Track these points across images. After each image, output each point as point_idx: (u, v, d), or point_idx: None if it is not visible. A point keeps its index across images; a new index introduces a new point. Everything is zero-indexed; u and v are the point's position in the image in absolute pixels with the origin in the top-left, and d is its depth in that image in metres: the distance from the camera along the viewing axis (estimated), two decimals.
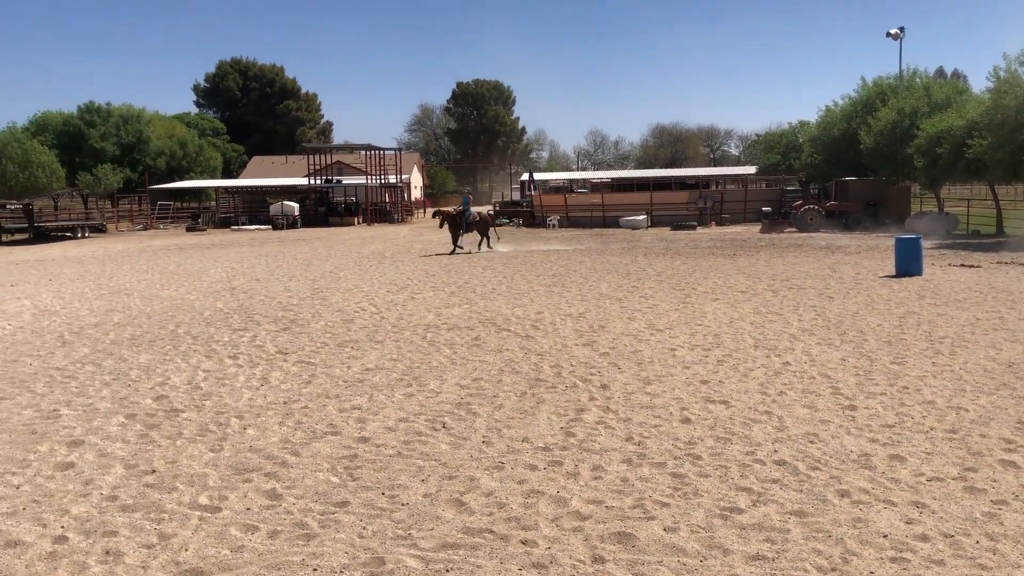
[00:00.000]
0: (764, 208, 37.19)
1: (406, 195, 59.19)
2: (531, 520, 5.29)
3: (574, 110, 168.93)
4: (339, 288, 17.65)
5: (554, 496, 5.68)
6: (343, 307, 14.80)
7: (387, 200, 53.67)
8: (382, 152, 52.88)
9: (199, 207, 60.57)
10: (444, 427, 7.34)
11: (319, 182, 52.68)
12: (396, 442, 6.95)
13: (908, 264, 17.57)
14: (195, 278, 20.42)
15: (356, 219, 49.96)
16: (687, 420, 7.39)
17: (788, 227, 33.92)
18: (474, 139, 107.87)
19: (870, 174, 35.84)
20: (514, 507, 5.51)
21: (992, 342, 10.42)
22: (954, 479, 5.82)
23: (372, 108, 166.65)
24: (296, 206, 48.71)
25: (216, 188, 58.48)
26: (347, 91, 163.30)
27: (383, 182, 52.13)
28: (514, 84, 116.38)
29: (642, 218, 39.59)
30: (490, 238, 27.62)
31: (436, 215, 28.50)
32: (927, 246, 21.37)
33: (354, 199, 53.02)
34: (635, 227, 38.65)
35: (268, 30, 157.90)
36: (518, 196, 54.71)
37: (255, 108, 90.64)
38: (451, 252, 26.37)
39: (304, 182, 53.92)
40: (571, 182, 55.82)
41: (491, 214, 30.25)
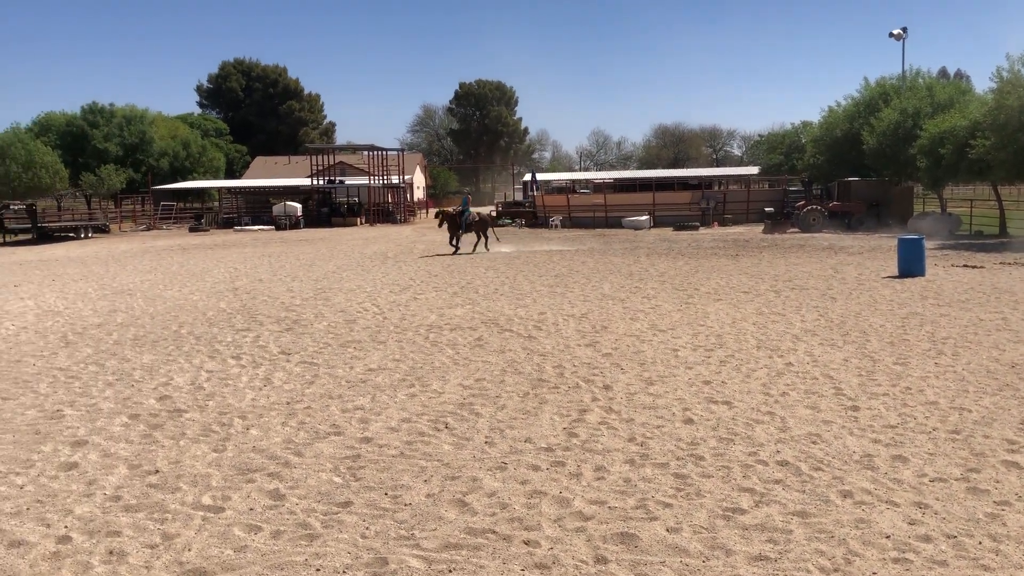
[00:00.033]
0: (767, 208, 37.15)
1: (409, 196, 59.22)
2: (534, 520, 5.30)
3: (577, 110, 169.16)
4: (342, 288, 17.67)
5: (557, 496, 5.69)
6: (346, 307, 14.82)
7: (390, 201, 53.74)
8: (385, 153, 52.96)
9: (202, 207, 60.68)
10: (447, 427, 7.35)
11: (322, 182, 52.75)
12: (399, 442, 6.96)
13: (911, 265, 17.56)
14: (198, 278, 20.45)
15: (359, 219, 50.01)
16: (690, 421, 7.39)
17: (791, 228, 33.89)
18: (476, 139, 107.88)
19: (873, 174, 35.81)
20: (517, 507, 5.52)
21: (995, 343, 10.41)
22: (957, 480, 5.82)
23: (375, 109, 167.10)
24: (299, 206, 48.75)
25: (219, 189, 58.59)
26: (350, 92, 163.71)
27: (386, 183, 52.21)
28: (517, 84, 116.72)
29: (645, 219, 39.58)
30: (488, 239, 27.63)
31: (438, 215, 28.57)
32: (930, 247, 21.36)
33: (357, 199, 53.08)
34: (638, 227, 38.64)
35: (271, 31, 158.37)
36: (520, 196, 54.71)
37: (258, 108, 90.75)
38: (455, 252, 26.41)
39: (307, 182, 53.97)
40: (574, 182, 55.85)
41: (492, 215, 30.22)
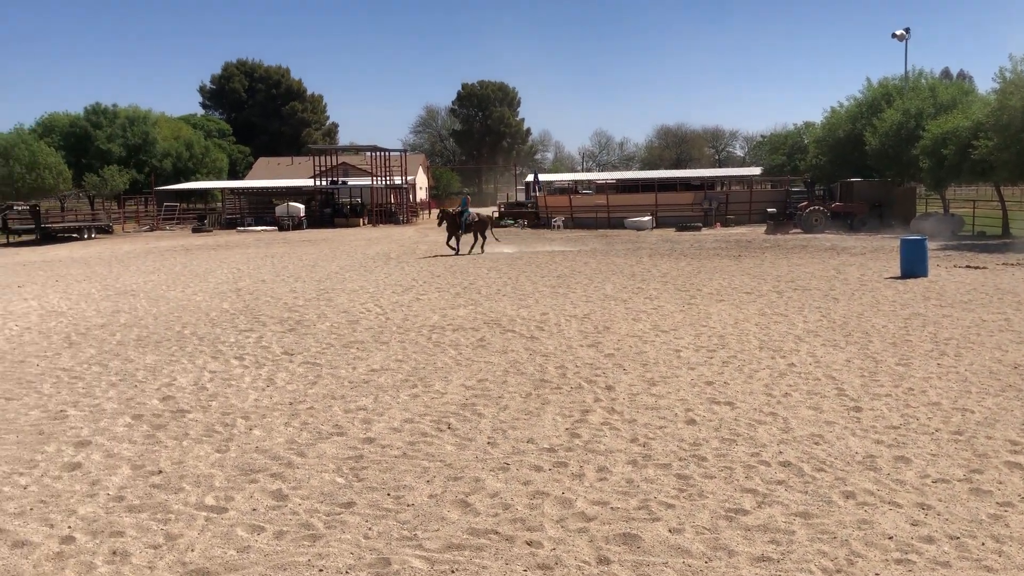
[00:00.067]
0: (769, 209, 37.09)
1: (411, 196, 59.26)
2: (536, 521, 5.31)
3: (579, 111, 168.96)
4: (345, 289, 17.68)
5: (559, 497, 5.69)
6: (349, 308, 14.83)
7: (392, 201, 53.76)
8: (387, 153, 53.00)
9: (205, 208, 60.75)
10: (449, 428, 7.36)
11: (325, 183, 52.79)
12: (401, 443, 6.96)
13: (913, 265, 17.53)
14: (201, 279, 20.48)
15: (361, 220, 50.06)
16: (692, 421, 7.39)
17: (793, 228, 33.85)
18: (479, 140, 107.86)
19: (875, 175, 35.76)
20: (519, 508, 5.53)
21: (998, 344, 10.40)
22: (960, 481, 5.82)
23: (377, 110, 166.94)
24: (302, 207, 48.78)
25: (222, 189, 58.60)
26: (353, 93, 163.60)
27: (388, 183, 52.23)
28: (519, 85, 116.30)
29: (647, 219, 39.55)
30: (486, 240, 27.58)
31: (439, 214, 28.63)
32: (932, 247, 21.33)
33: (359, 200, 53.11)
34: (640, 228, 38.62)
35: (274, 31, 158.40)
36: (523, 197, 54.72)
37: (261, 109, 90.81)
38: (456, 252, 26.41)
39: (310, 183, 54.01)
40: (576, 183, 55.87)
41: (491, 217, 30.20)
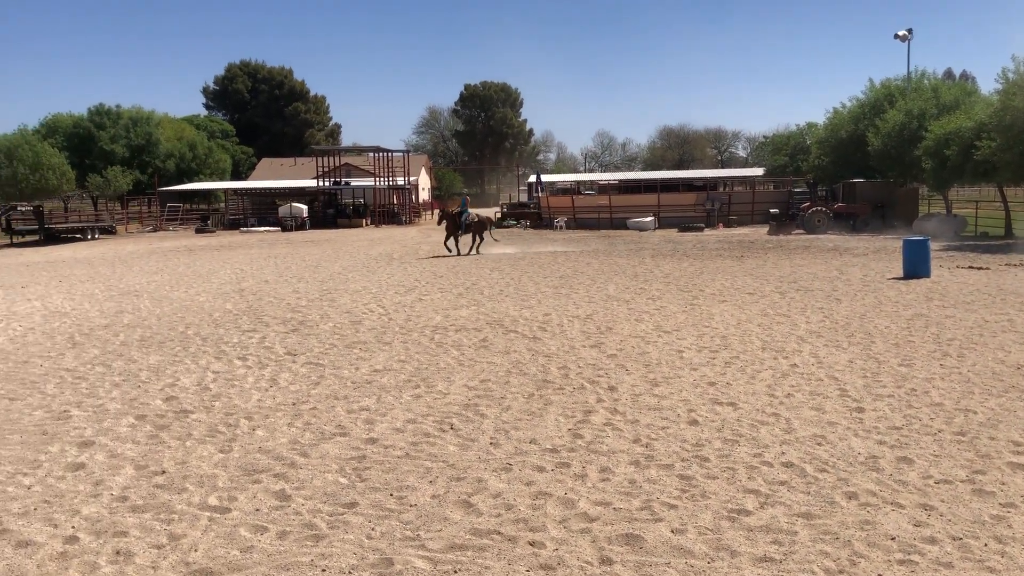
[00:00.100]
0: (772, 210, 37.03)
1: (414, 197, 59.28)
2: (539, 521, 5.31)
3: (581, 112, 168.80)
4: (347, 290, 17.70)
5: (562, 498, 5.70)
6: (351, 309, 14.84)
7: (395, 202, 53.79)
8: (390, 154, 53.03)
9: (208, 209, 60.77)
10: (452, 428, 7.37)
11: (328, 184, 52.84)
12: (404, 443, 6.97)
13: (916, 266, 17.51)
14: (204, 279, 20.51)
15: (364, 221, 50.09)
16: (695, 422, 7.39)
17: (796, 229, 33.81)
18: (482, 141, 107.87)
19: (878, 176, 35.72)
20: (522, 508, 5.53)
21: (1001, 344, 10.39)
22: (962, 482, 5.82)
23: (380, 110, 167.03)
24: (305, 208, 48.83)
25: (225, 190, 58.68)
26: (356, 93, 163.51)
27: (391, 184, 52.27)
28: (521, 86, 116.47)
29: (649, 220, 39.55)
30: (483, 241, 27.54)
31: (440, 214, 28.70)
32: (935, 248, 21.32)
33: (362, 201, 53.13)
34: (642, 229, 38.61)
35: (277, 32, 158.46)
36: (525, 198, 54.77)
37: (264, 110, 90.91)
38: (457, 253, 26.39)
39: (313, 184, 54.07)
40: (578, 184, 55.89)
41: (489, 219, 30.17)
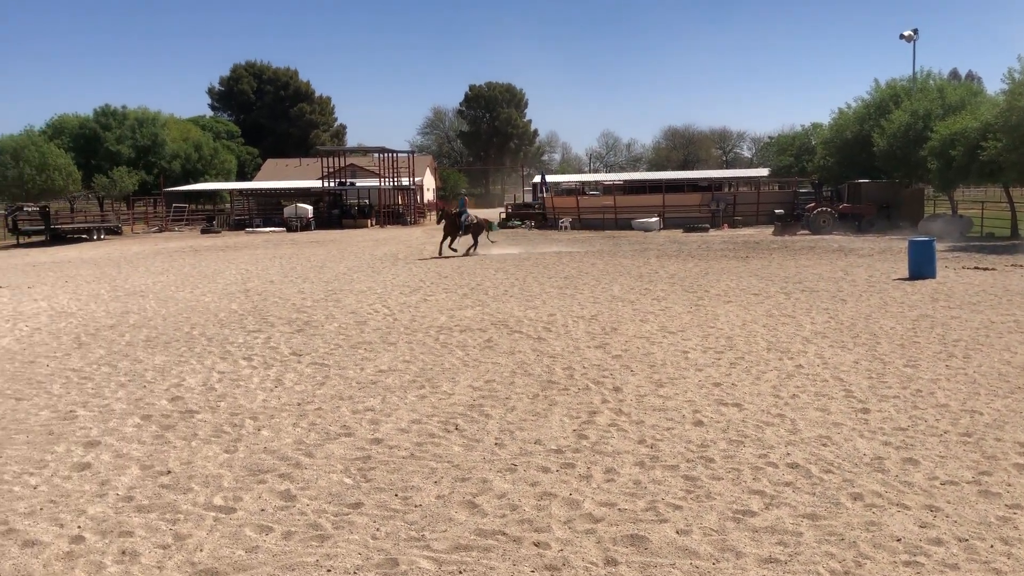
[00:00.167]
0: (777, 210, 36.95)
1: (419, 197, 59.31)
2: (544, 522, 5.31)
3: (586, 112, 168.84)
4: (352, 290, 17.72)
5: (567, 498, 5.70)
6: (356, 309, 14.86)
7: (400, 202, 53.83)
8: (395, 155, 53.03)
9: (214, 209, 60.88)
10: (457, 429, 7.37)
11: (333, 185, 52.90)
12: (409, 444, 6.98)
13: (921, 266, 17.47)
14: (210, 280, 20.55)
15: (369, 221, 50.11)
16: (699, 423, 7.39)
17: (801, 229, 33.73)
18: (486, 141, 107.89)
19: (883, 176, 35.65)
20: (527, 509, 5.53)
21: (1007, 345, 10.36)
22: (968, 483, 5.80)
23: (385, 111, 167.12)
24: (310, 208, 48.89)
25: (230, 190, 58.80)
26: (361, 94, 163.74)
27: (396, 184, 52.29)
28: (526, 87, 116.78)
29: (654, 220, 39.50)
30: (479, 242, 27.53)
31: (440, 214, 28.71)
32: (941, 249, 21.26)
33: (367, 201, 53.18)
34: (647, 229, 38.56)
35: (282, 34, 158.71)
36: (530, 198, 54.72)
37: (269, 111, 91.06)
38: (454, 253, 26.37)
39: (318, 184, 54.12)
40: (583, 184, 55.85)
41: (487, 220, 30.14)
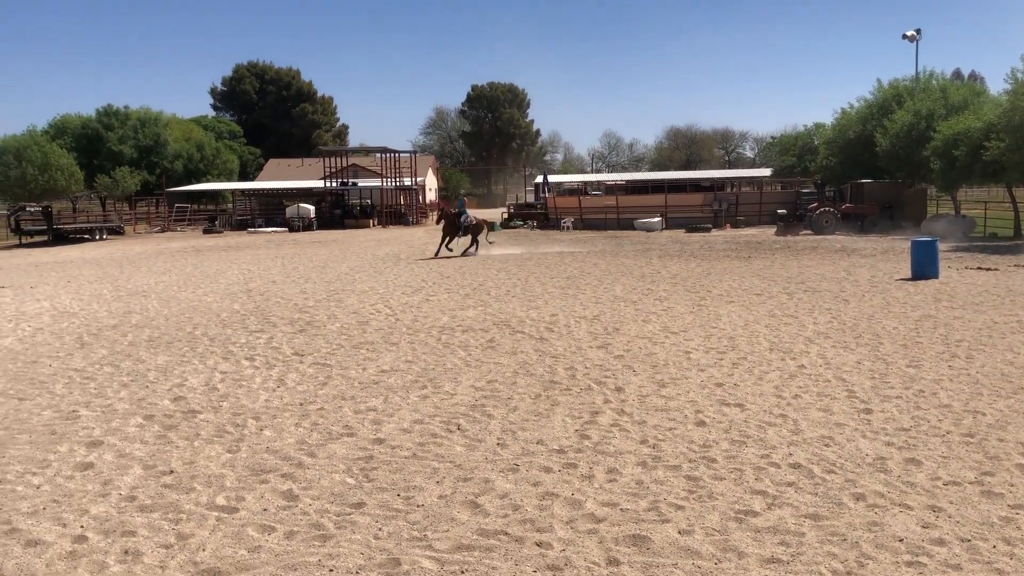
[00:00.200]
0: (779, 210, 36.98)
1: (421, 198, 59.34)
2: (546, 522, 5.31)
3: (589, 112, 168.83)
4: (354, 290, 17.72)
5: (569, 498, 5.70)
6: (358, 309, 14.87)
7: (402, 203, 53.85)
8: (397, 155, 53.06)
9: (216, 209, 60.95)
10: (459, 429, 7.37)
11: (335, 185, 52.93)
12: (411, 444, 6.98)
13: (924, 267, 17.46)
14: (212, 280, 20.56)
15: (371, 221, 50.16)
16: (702, 423, 7.39)
17: (803, 230, 33.73)
18: (489, 141, 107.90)
19: (886, 176, 35.63)
20: (529, 509, 5.53)
21: (1010, 345, 10.35)
22: (971, 483, 5.79)
23: (387, 111, 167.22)
24: (312, 208, 48.94)
25: (233, 191, 58.85)
26: (363, 94, 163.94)
27: (398, 184, 52.32)
28: (528, 87, 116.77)
29: (656, 220, 39.50)
30: (478, 242, 27.54)
31: (439, 213, 28.76)
32: (943, 249, 21.24)
33: (369, 201, 53.21)
34: (649, 229, 38.57)
35: (285, 34, 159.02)
36: (532, 198, 54.72)
37: (271, 111, 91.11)
38: (462, 254, 26.36)
39: (320, 185, 54.17)
40: (585, 184, 55.82)
41: (486, 221, 30.16)
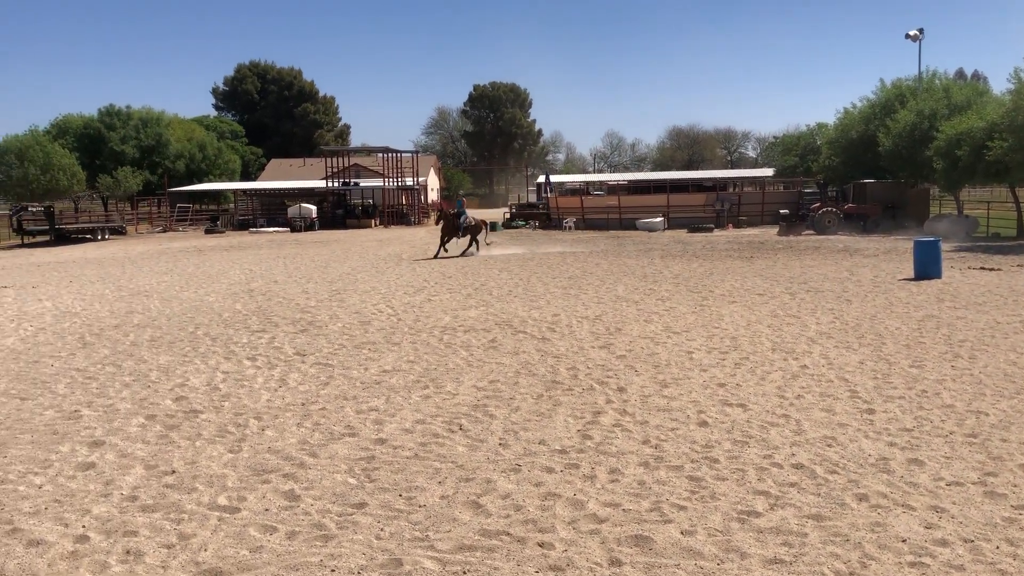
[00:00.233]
0: (782, 210, 36.92)
1: (423, 197, 59.36)
2: (548, 523, 5.31)
3: (591, 112, 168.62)
4: (356, 290, 17.72)
5: (571, 499, 5.69)
6: (360, 309, 14.87)
7: (404, 202, 53.86)
8: (399, 155, 53.08)
9: (218, 209, 60.95)
10: (461, 429, 7.37)
11: (337, 184, 52.96)
12: (413, 444, 6.98)
13: (927, 267, 17.43)
14: (214, 280, 20.57)
15: (373, 221, 50.17)
16: (704, 423, 7.38)
17: (806, 230, 33.69)
18: (491, 141, 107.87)
19: (889, 176, 35.58)
20: (531, 509, 5.53)
21: (1012, 345, 10.33)
22: (974, 484, 5.78)
23: (389, 111, 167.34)
24: (314, 208, 48.95)
25: (234, 190, 58.87)
26: (365, 94, 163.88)
27: (400, 184, 52.35)
28: (530, 86, 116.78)
29: (659, 220, 39.47)
30: (478, 243, 27.52)
31: (438, 214, 28.76)
32: (946, 249, 21.21)
33: (371, 201, 53.21)
34: (652, 229, 38.54)
35: (286, 33, 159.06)
36: (534, 198, 54.71)
37: (273, 111, 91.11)
38: (461, 255, 26.32)
39: (322, 184, 54.21)
40: (587, 184, 55.84)
41: (485, 221, 30.14)
